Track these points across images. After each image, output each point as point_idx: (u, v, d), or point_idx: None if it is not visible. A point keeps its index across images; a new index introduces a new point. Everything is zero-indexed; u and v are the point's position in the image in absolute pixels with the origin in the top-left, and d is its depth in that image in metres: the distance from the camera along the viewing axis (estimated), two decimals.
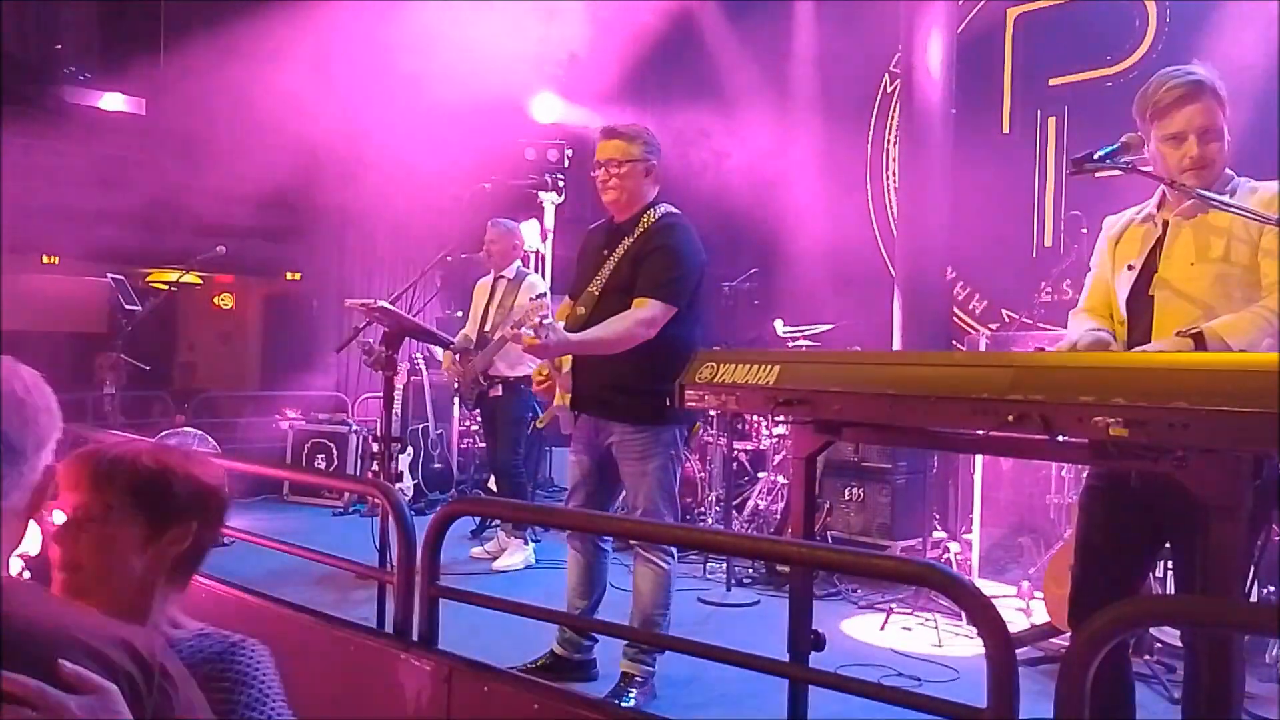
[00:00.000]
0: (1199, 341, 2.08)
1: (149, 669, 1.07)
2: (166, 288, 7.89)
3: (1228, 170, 2.41)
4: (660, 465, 3.39)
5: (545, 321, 3.16)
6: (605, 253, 3.47)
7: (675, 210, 3.52)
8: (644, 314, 3.27)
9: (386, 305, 3.52)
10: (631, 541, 3.62)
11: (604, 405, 3.42)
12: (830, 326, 6.33)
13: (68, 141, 8.97)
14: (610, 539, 3.76)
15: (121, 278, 6.19)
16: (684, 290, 3.35)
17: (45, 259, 8.88)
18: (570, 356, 3.47)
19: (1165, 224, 2.43)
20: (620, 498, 3.64)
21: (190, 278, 6.99)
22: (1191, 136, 2.35)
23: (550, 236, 7.25)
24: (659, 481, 3.39)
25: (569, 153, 7.46)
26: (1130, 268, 2.45)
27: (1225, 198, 2.27)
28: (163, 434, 6.92)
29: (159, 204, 9.54)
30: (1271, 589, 3.63)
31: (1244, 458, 1.66)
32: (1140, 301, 2.42)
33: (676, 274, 3.32)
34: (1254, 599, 2.42)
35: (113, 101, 9.38)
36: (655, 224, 3.41)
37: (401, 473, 6.95)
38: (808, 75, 7.93)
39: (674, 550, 3.53)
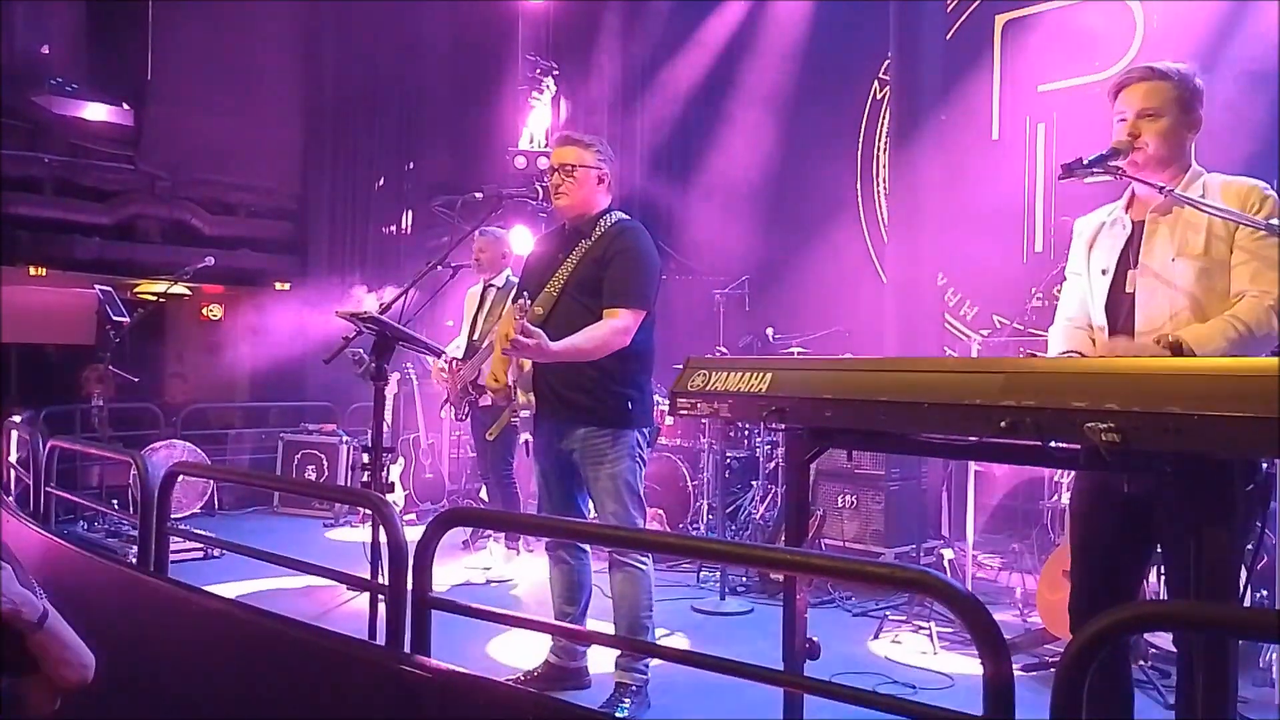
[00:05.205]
0: (1176, 350, 2.06)
1: None
2: (155, 299, 7.86)
3: (1196, 166, 2.42)
4: (625, 468, 3.39)
5: (528, 322, 3.13)
6: (561, 256, 3.49)
7: (628, 216, 3.58)
8: (620, 323, 3.30)
9: (376, 314, 3.52)
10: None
11: (566, 407, 3.40)
12: (822, 334, 6.33)
13: (54, 152, 8.94)
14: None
15: (109, 289, 6.15)
16: (651, 294, 3.41)
17: (33, 270, 8.85)
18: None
19: (1135, 224, 2.44)
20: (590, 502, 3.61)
21: (179, 289, 6.95)
22: (1130, 115, 2.39)
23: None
24: (625, 484, 3.39)
25: None
26: (1104, 272, 2.46)
27: (1197, 197, 2.28)
28: (152, 446, 6.89)
29: (147, 215, 9.52)
30: (1264, 593, 3.63)
31: (1237, 462, 1.66)
32: (1117, 302, 2.43)
33: (643, 279, 3.38)
34: (1247, 603, 2.42)
35: (99, 112, 9.37)
36: (613, 227, 3.46)
37: (392, 483, 6.92)
38: (798, 82, 7.94)
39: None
